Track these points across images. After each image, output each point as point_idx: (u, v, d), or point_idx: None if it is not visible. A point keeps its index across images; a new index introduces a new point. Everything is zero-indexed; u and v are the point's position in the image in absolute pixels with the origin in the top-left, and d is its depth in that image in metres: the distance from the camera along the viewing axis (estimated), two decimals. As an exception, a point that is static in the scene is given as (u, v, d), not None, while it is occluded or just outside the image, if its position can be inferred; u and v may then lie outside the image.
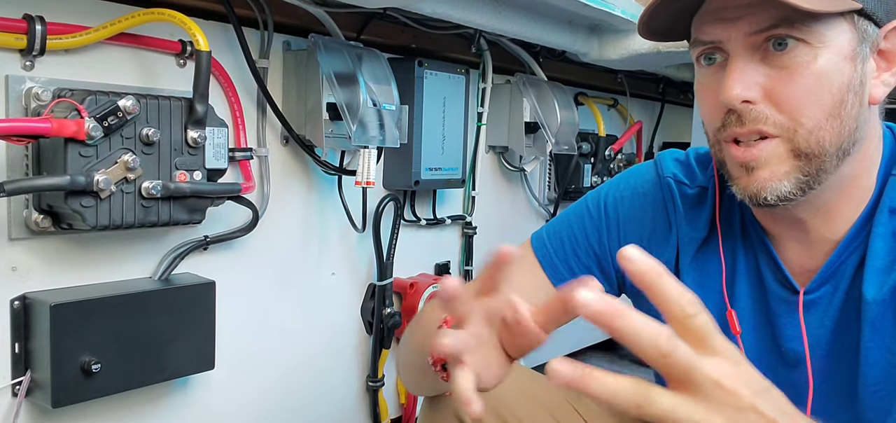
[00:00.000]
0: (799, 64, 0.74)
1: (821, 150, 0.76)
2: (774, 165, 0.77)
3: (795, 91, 0.75)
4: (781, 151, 0.77)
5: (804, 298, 0.86)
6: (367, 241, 1.47)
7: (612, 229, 1.00)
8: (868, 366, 0.82)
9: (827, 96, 0.75)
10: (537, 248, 1.03)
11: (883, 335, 0.81)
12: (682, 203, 0.95)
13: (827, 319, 0.85)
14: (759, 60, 0.75)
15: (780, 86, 0.75)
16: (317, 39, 1.23)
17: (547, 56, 1.79)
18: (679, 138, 2.55)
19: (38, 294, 0.98)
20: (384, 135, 1.25)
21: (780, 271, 0.87)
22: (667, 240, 0.97)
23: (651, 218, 0.98)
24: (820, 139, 0.76)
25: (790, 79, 0.75)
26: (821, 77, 0.75)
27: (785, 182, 0.77)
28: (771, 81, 0.75)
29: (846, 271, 0.84)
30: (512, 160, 1.82)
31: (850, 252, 0.84)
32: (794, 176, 0.77)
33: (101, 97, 0.94)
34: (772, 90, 0.75)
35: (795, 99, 0.75)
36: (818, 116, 0.75)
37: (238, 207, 1.18)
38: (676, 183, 0.97)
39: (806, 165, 0.77)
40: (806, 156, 0.76)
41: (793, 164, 0.77)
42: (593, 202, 1.03)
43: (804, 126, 0.75)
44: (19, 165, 0.96)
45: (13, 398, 0.99)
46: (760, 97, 0.76)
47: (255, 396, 1.31)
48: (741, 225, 0.92)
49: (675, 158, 1.00)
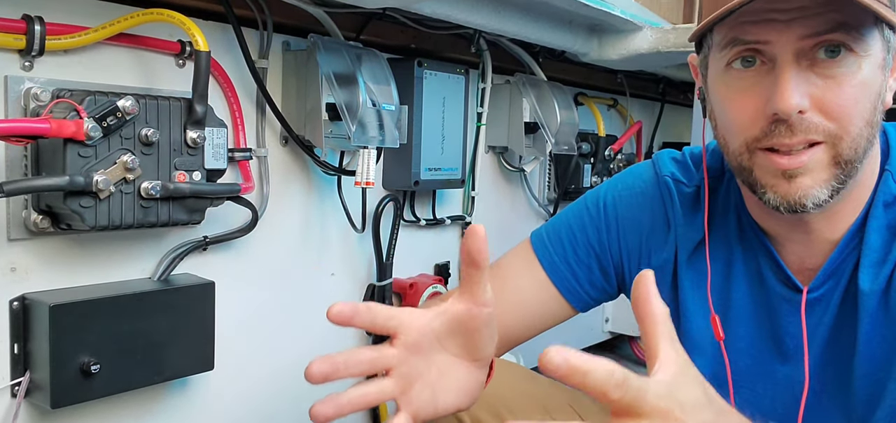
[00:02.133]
0: (846, 73, 0.74)
1: (857, 157, 0.77)
2: (817, 173, 0.77)
3: (844, 100, 0.74)
4: (825, 158, 0.76)
5: (807, 296, 0.86)
6: (366, 241, 1.47)
7: (612, 228, 1.00)
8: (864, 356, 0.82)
9: (868, 105, 0.76)
10: (537, 246, 1.03)
11: (879, 325, 0.82)
12: (680, 202, 0.96)
13: (826, 315, 0.86)
14: (808, 67, 0.74)
15: (831, 95, 0.74)
16: (316, 40, 1.23)
17: (547, 56, 1.79)
18: (679, 138, 2.55)
19: (37, 295, 0.98)
20: (384, 135, 1.25)
21: (782, 271, 0.88)
22: (665, 239, 0.97)
23: (650, 218, 0.98)
24: (858, 147, 0.76)
25: (839, 88, 0.74)
26: (865, 86, 0.75)
27: (824, 189, 0.77)
28: (820, 90, 0.74)
29: (846, 268, 0.85)
30: (512, 160, 1.82)
31: (850, 249, 0.84)
32: (831, 183, 0.77)
33: (100, 98, 0.94)
34: (821, 99, 0.74)
35: (844, 108, 0.74)
36: (860, 125, 0.75)
37: (237, 208, 1.17)
38: (675, 182, 0.97)
39: (842, 171, 0.77)
40: (845, 163, 0.76)
41: (832, 171, 0.77)
42: (592, 202, 1.03)
43: (849, 134, 0.75)
44: (18, 166, 0.96)
45: (12, 398, 0.98)
46: (809, 106, 0.74)
47: (255, 396, 1.31)
48: (738, 226, 0.92)
49: (673, 158, 1.00)
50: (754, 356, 0.90)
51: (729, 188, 0.94)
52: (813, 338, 0.87)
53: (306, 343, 1.39)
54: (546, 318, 1.02)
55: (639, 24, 1.62)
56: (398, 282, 1.53)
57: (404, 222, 1.54)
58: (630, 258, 1.00)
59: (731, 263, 0.92)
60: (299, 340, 1.38)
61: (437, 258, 1.67)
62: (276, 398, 1.35)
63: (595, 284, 1.02)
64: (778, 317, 0.88)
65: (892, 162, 0.84)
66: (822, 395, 0.86)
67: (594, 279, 1.02)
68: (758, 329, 0.90)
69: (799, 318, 0.87)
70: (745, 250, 0.91)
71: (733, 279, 0.92)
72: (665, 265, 0.96)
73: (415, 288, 1.53)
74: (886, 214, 0.82)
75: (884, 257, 0.81)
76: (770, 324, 0.89)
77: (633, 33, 1.65)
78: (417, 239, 1.61)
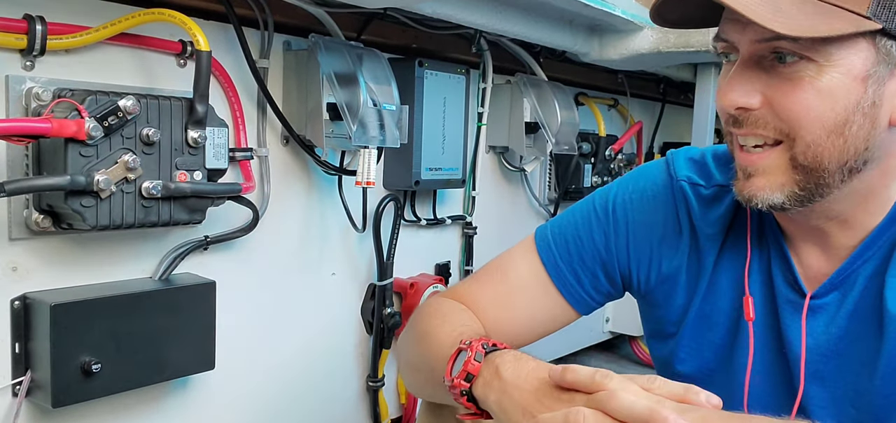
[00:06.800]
0: (801, 77, 0.73)
1: (819, 165, 0.75)
2: (772, 175, 0.77)
3: (795, 104, 0.74)
4: (783, 161, 0.76)
5: (810, 302, 0.85)
6: (367, 241, 1.47)
7: (621, 232, 0.97)
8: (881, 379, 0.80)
9: (829, 114, 0.74)
10: (541, 249, 1.00)
11: None
12: (698, 204, 0.93)
13: (833, 326, 0.84)
14: (767, 68, 0.75)
15: (780, 96, 0.75)
16: (317, 39, 1.23)
17: (547, 56, 1.79)
18: (679, 139, 2.55)
19: (38, 294, 0.98)
20: (384, 135, 1.25)
21: (791, 273, 0.86)
22: (678, 245, 0.95)
23: (662, 222, 0.96)
24: (818, 155, 0.75)
25: (791, 91, 0.74)
26: (823, 94, 0.73)
27: (777, 194, 0.77)
28: (771, 90, 0.75)
29: (858, 279, 0.83)
30: (512, 160, 1.82)
31: (864, 260, 0.82)
32: (788, 189, 0.77)
33: (101, 97, 0.94)
34: (772, 99, 0.75)
35: (794, 111, 0.74)
36: (818, 132, 0.74)
37: (238, 208, 1.17)
38: (691, 186, 0.94)
39: (804, 178, 0.76)
40: (804, 169, 0.76)
41: (790, 175, 0.76)
42: (601, 203, 0.99)
43: (802, 139, 0.75)
44: (19, 165, 0.96)
45: (13, 398, 0.99)
46: (760, 103, 0.76)
47: (255, 396, 1.31)
48: (759, 223, 0.91)
49: (690, 158, 0.97)
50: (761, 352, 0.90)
51: None
52: (814, 346, 0.85)
53: (306, 343, 1.39)
54: (549, 322, 1.00)
55: (639, 24, 1.62)
56: (399, 282, 1.53)
57: (405, 222, 1.54)
58: (639, 264, 0.97)
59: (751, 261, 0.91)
60: (300, 339, 1.38)
61: (438, 258, 1.67)
62: (277, 397, 1.35)
63: (600, 289, 1.00)
64: (781, 320, 0.88)
65: None
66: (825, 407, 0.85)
67: (599, 285, 0.99)
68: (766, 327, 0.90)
69: (799, 322, 0.86)
70: (761, 248, 0.90)
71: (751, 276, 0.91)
72: (676, 271, 0.94)
73: (415, 288, 1.53)
74: None
75: None
76: (774, 326, 0.88)
77: (634, 33, 1.65)
78: (418, 239, 1.61)
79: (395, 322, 1.49)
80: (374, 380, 1.51)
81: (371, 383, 1.51)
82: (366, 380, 1.52)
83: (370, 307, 1.49)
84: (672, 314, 0.96)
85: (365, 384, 1.52)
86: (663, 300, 0.96)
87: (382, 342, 1.49)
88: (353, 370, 1.50)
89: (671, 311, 0.96)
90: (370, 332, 1.50)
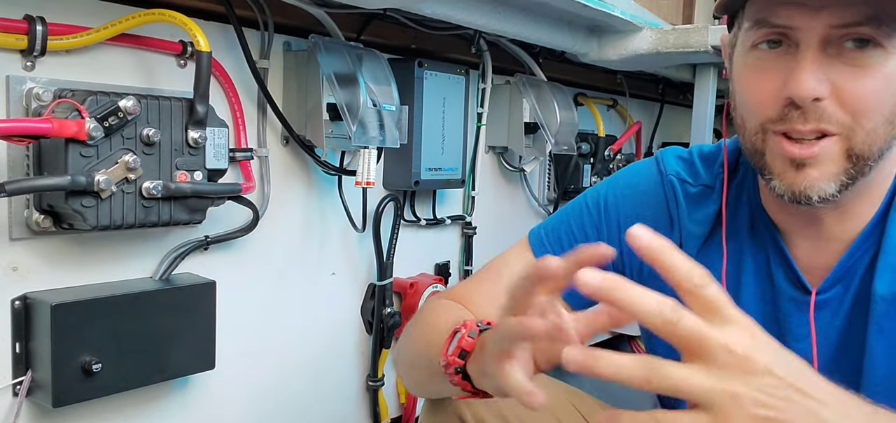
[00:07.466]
0: (872, 64, 0.72)
1: (871, 153, 0.75)
2: (827, 166, 0.75)
3: (864, 91, 0.72)
4: (837, 151, 0.75)
5: (816, 298, 0.84)
6: (367, 241, 1.47)
7: (612, 227, 0.99)
8: (872, 366, 0.80)
9: (890, 101, 0.73)
10: (535, 246, 1.02)
11: (888, 335, 0.80)
12: (686, 201, 0.94)
13: (836, 319, 0.84)
14: (833, 55, 0.73)
15: (851, 84, 0.72)
16: (317, 40, 1.23)
17: (547, 56, 1.79)
18: (679, 139, 2.54)
19: (38, 294, 0.99)
20: (384, 135, 1.25)
21: (792, 270, 0.86)
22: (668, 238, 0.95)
23: (653, 217, 0.96)
24: (873, 143, 0.74)
25: (861, 78, 0.72)
26: (888, 82, 0.73)
27: (832, 183, 0.75)
28: (842, 79, 0.72)
29: (858, 270, 0.83)
30: (512, 160, 1.82)
31: (864, 251, 0.82)
32: (840, 178, 0.75)
33: (101, 98, 0.94)
34: (841, 88, 0.73)
35: (863, 100, 0.73)
36: (878, 120, 0.74)
37: (238, 208, 1.18)
38: (679, 181, 0.95)
39: (853, 167, 0.75)
40: (858, 158, 0.75)
41: (843, 165, 0.75)
42: (592, 200, 1.01)
43: (864, 128, 0.73)
44: (20, 166, 0.97)
45: (14, 397, 0.99)
46: (828, 94, 0.73)
47: (255, 396, 1.31)
48: (750, 222, 0.90)
49: (678, 156, 0.98)
50: None
51: (743, 183, 0.92)
52: (822, 343, 0.84)
53: (306, 342, 1.39)
54: None
55: (638, 24, 1.63)
56: (398, 281, 1.53)
57: (405, 222, 1.54)
58: (631, 258, 0.97)
59: (742, 260, 0.90)
60: (299, 339, 1.38)
61: (438, 258, 1.67)
62: (277, 396, 1.35)
63: None
64: (786, 318, 0.87)
65: None
66: None
67: None
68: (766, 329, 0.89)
69: (807, 320, 0.85)
70: (755, 247, 0.89)
71: (743, 277, 0.90)
72: None
73: (415, 288, 1.53)
74: None
75: None
76: (777, 326, 0.87)
77: (633, 34, 1.65)
78: (418, 239, 1.61)
79: (395, 322, 1.49)
80: (374, 380, 1.51)
81: (371, 382, 1.51)
82: (365, 380, 1.52)
83: (370, 307, 1.49)
84: None
85: (365, 384, 1.52)
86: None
87: (382, 342, 1.50)
88: (352, 370, 1.50)
89: None
90: (370, 332, 1.50)
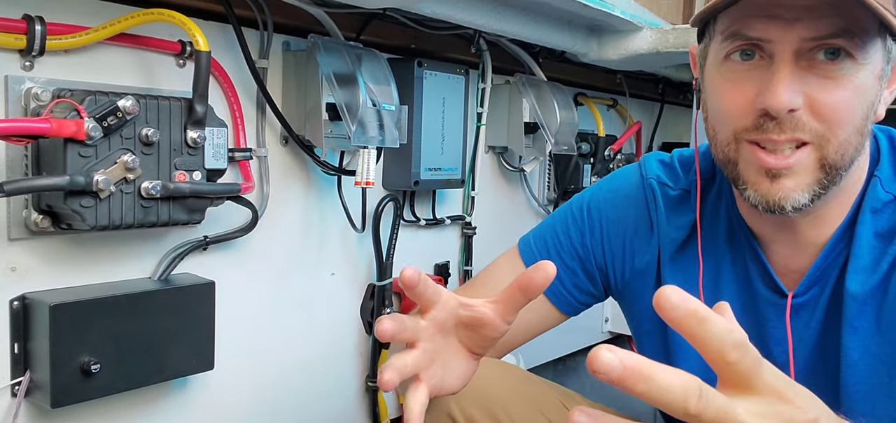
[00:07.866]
0: (844, 76, 0.73)
1: (843, 162, 0.76)
2: (801, 176, 0.76)
3: (837, 102, 0.73)
4: (811, 161, 0.76)
5: (792, 301, 0.86)
6: (366, 241, 1.47)
7: (596, 230, 1.01)
8: (848, 367, 0.81)
9: (860, 112, 0.75)
10: (524, 252, 1.05)
11: (862, 335, 0.81)
12: (665, 204, 0.96)
13: (813, 321, 0.85)
14: (805, 67, 0.74)
15: (824, 95, 0.73)
16: (316, 40, 1.23)
17: (546, 56, 1.79)
18: (679, 139, 2.54)
19: (37, 294, 0.98)
20: (384, 135, 1.25)
21: (768, 275, 0.87)
22: (649, 241, 0.97)
23: (633, 220, 0.99)
24: (845, 152, 0.75)
25: (834, 89, 0.73)
26: (859, 92, 0.74)
27: (805, 193, 0.76)
28: (815, 90, 0.73)
29: (832, 273, 0.84)
30: (511, 160, 1.82)
31: (837, 253, 0.84)
32: (813, 188, 0.76)
33: (100, 97, 0.94)
34: (814, 99, 0.74)
35: (836, 110, 0.74)
36: (850, 130, 0.75)
37: (238, 208, 1.18)
38: (659, 185, 0.97)
39: (826, 177, 0.76)
40: (831, 167, 0.76)
41: (816, 175, 0.76)
42: (577, 206, 1.04)
43: (837, 138, 0.74)
44: (19, 166, 0.96)
45: (12, 398, 0.99)
46: (802, 104, 0.74)
47: (255, 396, 1.31)
48: (728, 227, 0.91)
49: (660, 161, 1.01)
50: None
51: (720, 190, 0.93)
52: (799, 345, 0.86)
53: (306, 343, 1.39)
54: (535, 322, 1.03)
55: (638, 24, 1.63)
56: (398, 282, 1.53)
57: (404, 222, 1.54)
58: (614, 260, 1.01)
59: (720, 266, 0.91)
60: (299, 339, 1.38)
61: (437, 258, 1.67)
62: (276, 396, 1.35)
63: (580, 287, 1.03)
64: (765, 323, 0.88)
65: (881, 167, 0.83)
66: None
67: (579, 283, 1.03)
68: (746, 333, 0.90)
69: (784, 324, 0.86)
70: (733, 253, 0.91)
71: (722, 283, 0.91)
72: (648, 268, 0.97)
73: (415, 288, 1.53)
74: (874, 220, 0.82)
75: (872, 263, 0.81)
76: (758, 330, 0.89)
77: (633, 34, 1.65)
78: (417, 239, 1.61)
79: (395, 322, 1.48)
80: (374, 380, 1.51)
81: (370, 383, 1.51)
82: (365, 380, 1.52)
83: (369, 307, 1.49)
84: (646, 312, 0.97)
85: (364, 384, 1.52)
86: (639, 296, 0.99)
87: (381, 343, 1.50)
88: (352, 370, 1.50)
89: (645, 308, 0.97)
90: (369, 332, 1.50)
